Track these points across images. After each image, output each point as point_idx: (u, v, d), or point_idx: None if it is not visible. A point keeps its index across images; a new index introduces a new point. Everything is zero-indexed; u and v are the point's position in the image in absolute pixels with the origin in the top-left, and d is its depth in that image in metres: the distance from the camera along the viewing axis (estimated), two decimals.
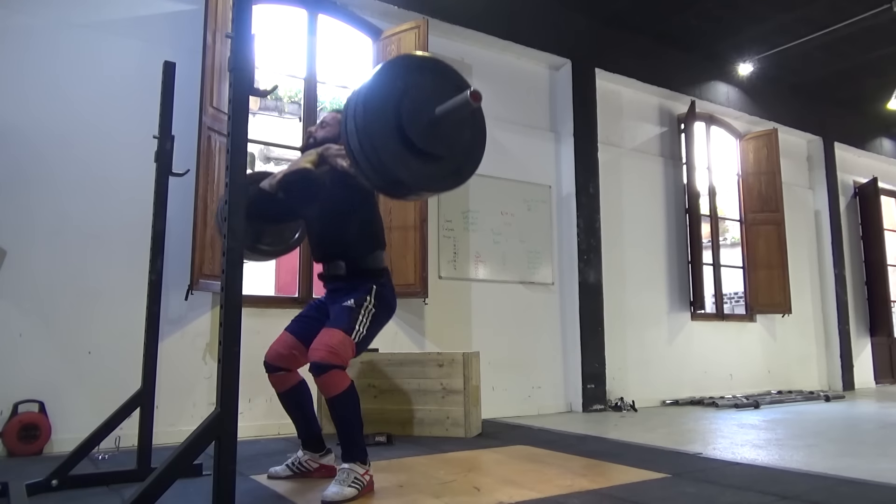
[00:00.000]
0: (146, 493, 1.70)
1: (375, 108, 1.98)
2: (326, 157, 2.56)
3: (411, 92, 2.04)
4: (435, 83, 2.11)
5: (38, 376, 3.47)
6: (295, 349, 2.60)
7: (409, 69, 2.11)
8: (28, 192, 3.57)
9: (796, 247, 7.42)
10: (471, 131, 2.22)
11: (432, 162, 2.09)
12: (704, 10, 5.90)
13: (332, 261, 2.59)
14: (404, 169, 2.02)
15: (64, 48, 3.76)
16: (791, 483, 2.58)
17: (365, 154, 1.98)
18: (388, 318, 2.61)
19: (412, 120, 2.01)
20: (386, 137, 1.98)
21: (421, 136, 2.03)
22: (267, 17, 4.84)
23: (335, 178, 2.54)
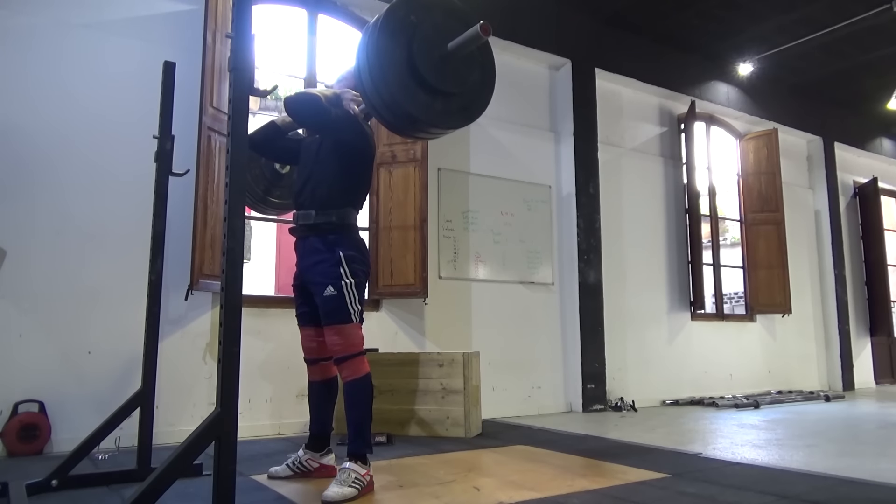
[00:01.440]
0: (146, 493, 1.70)
1: (387, 44, 2.02)
2: (342, 98, 2.58)
3: (422, 28, 2.08)
4: (445, 20, 2.16)
5: (38, 376, 3.47)
6: (318, 337, 2.66)
7: (419, 7, 2.15)
8: (28, 192, 3.57)
9: (796, 247, 7.43)
10: (480, 70, 2.26)
11: (442, 98, 2.13)
12: (704, 10, 5.90)
13: (305, 209, 2.60)
14: (415, 103, 2.06)
15: (64, 48, 3.76)
16: (791, 483, 2.58)
17: (377, 90, 2.04)
18: (367, 275, 2.66)
19: (423, 55, 2.06)
20: (397, 72, 2.03)
21: (432, 72, 2.07)
22: (267, 17, 4.84)
23: (342, 120, 2.56)
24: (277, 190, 3.01)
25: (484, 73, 2.30)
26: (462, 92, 2.20)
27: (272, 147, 2.79)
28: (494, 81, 2.33)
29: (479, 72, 2.27)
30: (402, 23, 2.07)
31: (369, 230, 4.68)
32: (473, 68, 2.23)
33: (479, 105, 2.26)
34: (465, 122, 2.27)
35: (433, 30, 2.11)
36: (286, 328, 3.99)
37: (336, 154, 2.59)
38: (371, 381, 2.52)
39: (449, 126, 2.30)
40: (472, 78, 2.23)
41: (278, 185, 3.01)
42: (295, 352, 2.85)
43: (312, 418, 2.76)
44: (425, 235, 4.62)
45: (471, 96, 2.24)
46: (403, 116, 2.13)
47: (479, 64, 2.26)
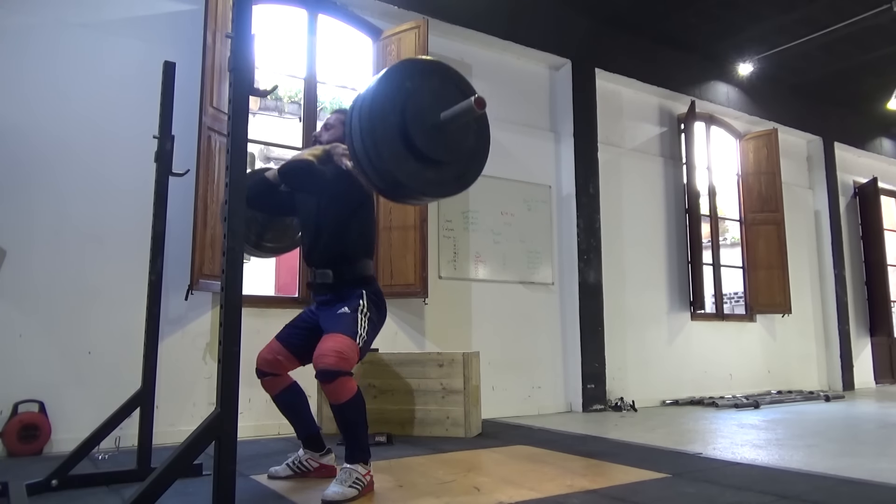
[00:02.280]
0: (146, 493, 1.70)
1: (380, 109, 1.97)
2: (332, 155, 2.56)
3: (416, 95, 2.03)
4: (440, 88, 2.11)
5: (38, 376, 3.47)
6: (280, 355, 2.61)
7: (414, 73, 2.10)
8: (28, 193, 3.57)
9: (796, 247, 7.42)
10: (475, 137, 2.21)
11: (435, 166, 2.08)
12: (704, 9, 5.90)
13: (321, 268, 2.58)
14: (406, 172, 2.01)
15: (64, 48, 3.76)
16: (791, 483, 2.58)
17: (367, 155, 1.97)
18: (381, 323, 2.62)
19: (416, 123, 2.00)
20: (389, 139, 1.97)
21: (424, 140, 2.02)
22: (267, 17, 4.84)
23: (337, 177, 2.53)
24: (270, 233, 2.93)
25: (479, 138, 2.23)
26: (455, 160, 2.14)
27: (266, 203, 2.69)
28: (489, 148, 2.26)
29: (474, 139, 2.21)
30: (398, 89, 2.01)
31: None
32: (468, 135, 2.17)
33: (472, 173, 2.20)
34: (458, 191, 2.21)
35: (429, 96, 2.06)
36: None
37: (337, 210, 2.56)
38: (362, 395, 2.42)
39: (442, 195, 2.26)
40: (466, 145, 2.17)
41: (271, 228, 2.93)
42: None
43: (294, 427, 2.74)
44: (425, 235, 4.62)
45: (464, 165, 2.18)
46: (394, 184, 2.06)
47: (473, 131, 2.19)
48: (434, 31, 4.90)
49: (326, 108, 8.74)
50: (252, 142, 2.83)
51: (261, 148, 8.95)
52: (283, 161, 2.63)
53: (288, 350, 2.61)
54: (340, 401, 2.35)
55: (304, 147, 4.69)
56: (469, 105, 1.98)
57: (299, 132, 4.86)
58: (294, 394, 2.70)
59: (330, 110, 9.16)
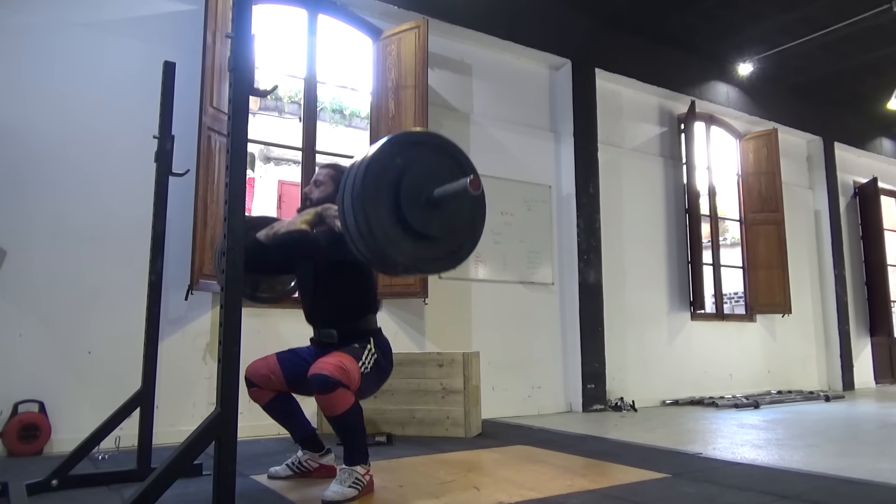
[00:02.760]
0: (146, 493, 1.70)
1: (372, 185, 1.92)
2: (325, 217, 2.53)
3: (411, 170, 1.98)
4: (436, 161, 2.07)
5: (38, 376, 3.47)
6: (274, 374, 2.58)
7: (409, 146, 2.06)
8: (28, 193, 3.57)
9: (796, 247, 7.42)
10: (470, 212, 2.15)
11: (428, 243, 2.03)
12: (704, 9, 5.90)
13: (324, 328, 2.56)
14: (398, 250, 1.96)
15: (63, 48, 3.76)
16: (791, 483, 2.58)
17: (359, 231, 1.92)
18: (388, 373, 2.59)
19: (410, 199, 1.96)
20: (381, 216, 1.92)
21: (418, 217, 1.97)
22: (267, 17, 4.84)
23: (331, 241, 2.45)
24: (264, 284, 2.93)
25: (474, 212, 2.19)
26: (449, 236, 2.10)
27: (263, 266, 2.64)
28: (484, 221, 2.20)
29: (469, 213, 2.16)
30: (389, 166, 1.96)
31: None
32: (464, 209, 2.12)
33: (466, 249, 2.14)
34: (452, 267, 2.15)
35: (421, 171, 2.00)
36: (286, 328, 3.99)
37: (336, 273, 2.51)
38: (359, 407, 2.39)
39: (435, 271, 2.21)
40: (461, 220, 2.12)
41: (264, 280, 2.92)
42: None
43: (289, 431, 2.74)
44: None
45: (459, 240, 2.13)
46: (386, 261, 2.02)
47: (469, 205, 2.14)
48: (434, 31, 4.90)
49: (326, 107, 8.75)
50: (252, 142, 2.83)
51: (261, 148, 8.95)
52: (282, 161, 2.61)
53: (283, 374, 2.58)
54: (336, 413, 2.30)
55: (302, 150, 4.69)
56: (463, 186, 1.92)
57: (299, 132, 4.85)
58: (284, 400, 2.68)
59: (330, 110, 9.16)
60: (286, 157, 9.07)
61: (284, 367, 2.59)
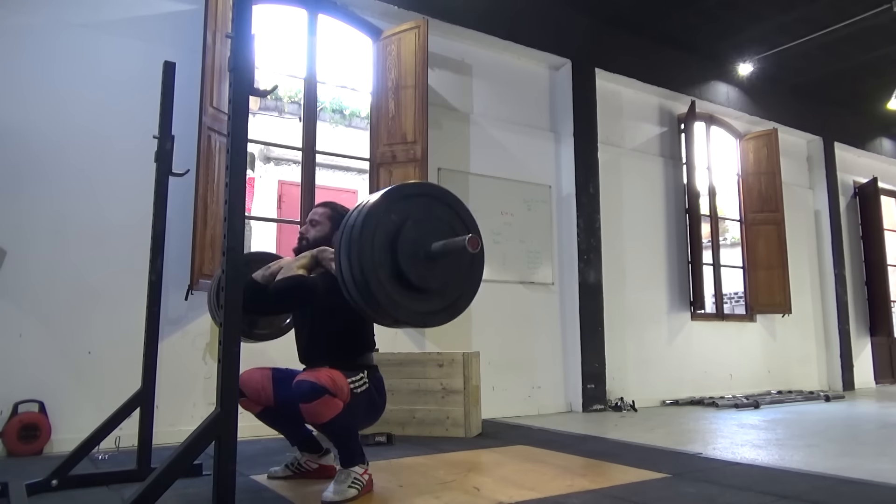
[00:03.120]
0: (146, 493, 1.70)
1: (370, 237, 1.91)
2: (321, 261, 2.51)
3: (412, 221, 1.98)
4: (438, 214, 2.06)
5: (38, 376, 3.47)
6: (264, 391, 2.57)
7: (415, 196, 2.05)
8: (28, 192, 3.57)
9: (796, 247, 7.42)
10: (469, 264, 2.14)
11: (424, 297, 2.02)
12: (704, 9, 5.90)
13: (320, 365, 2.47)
14: (393, 304, 1.95)
15: (63, 48, 3.76)
16: (791, 483, 2.58)
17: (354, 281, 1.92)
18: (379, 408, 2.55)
19: (407, 253, 1.95)
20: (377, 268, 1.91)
21: (414, 272, 1.96)
22: (267, 17, 4.85)
23: (328, 285, 2.38)
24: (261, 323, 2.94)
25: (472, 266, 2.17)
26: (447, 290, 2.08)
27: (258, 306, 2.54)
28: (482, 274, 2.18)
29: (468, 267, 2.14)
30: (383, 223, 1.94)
31: None
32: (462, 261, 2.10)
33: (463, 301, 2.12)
34: (449, 320, 2.13)
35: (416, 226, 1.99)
36: None
37: (333, 315, 2.48)
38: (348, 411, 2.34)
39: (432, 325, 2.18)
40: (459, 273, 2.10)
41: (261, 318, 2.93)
42: (295, 352, 2.83)
43: (285, 436, 2.73)
44: None
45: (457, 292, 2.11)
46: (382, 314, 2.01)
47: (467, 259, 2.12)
48: (434, 31, 4.90)
49: (326, 107, 8.75)
50: (252, 142, 2.83)
51: (261, 148, 8.94)
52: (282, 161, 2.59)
53: (274, 391, 2.56)
54: (322, 420, 2.26)
55: (302, 150, 4.69)
56: (461, 244, 1.91)
57: (299, 132, 4.85)
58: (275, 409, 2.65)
59: (330, 110, 9.16)
60: (286, 157, 9.07)
61: (277, 387, 2.56)
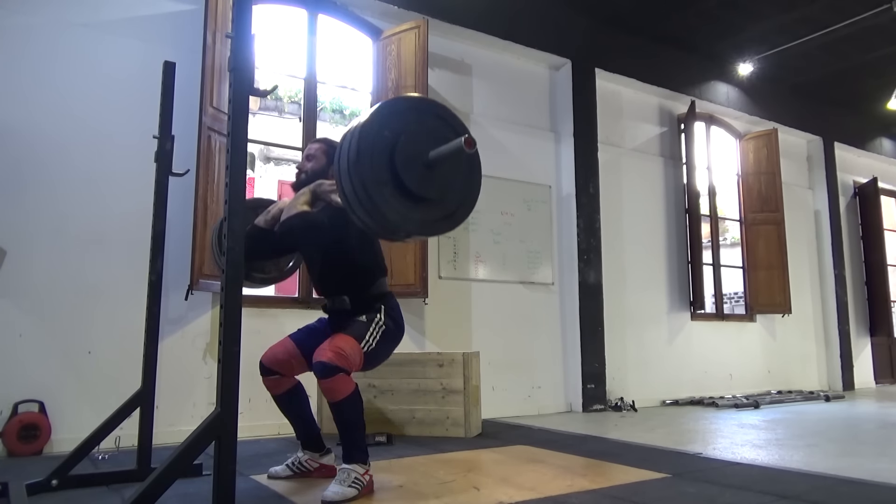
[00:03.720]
0: (146, 493, 1.70)
1: (368, 150, 1.94)
2: (320, 194, 2.55)
3: (406, 134, 2.00)
4: (431, 125, 2.09)
5: (38, 376, 3.47)
6: (294, 358, 2.60)
7: (404, 111, 2.08)
8: (28, 192, 3.57)
9: (796, 247, 7.42)
10: (467, 174, 2.17)
11: (426, 206, 2.05)
12: (704, 9, 5.90)
13: (336, 296, 2.58)
14: (397, 213, 1.98)
15: (64, 48, 3.76)
16: (791, 483, 2.58)
17: (357, 197, 1.95)
18: (398, 338, 2.62)
19: (406, 164, 1.98)
20: (379, 181, 1.95)
21: (415, 181, 1.99)
22: (267, 17, 4.84)
23: (332, 216, 2.49)
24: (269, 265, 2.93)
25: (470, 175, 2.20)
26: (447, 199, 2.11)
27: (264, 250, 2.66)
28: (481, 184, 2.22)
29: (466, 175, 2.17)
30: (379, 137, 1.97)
31: None
32: (460, 171, 2.14)
33: (464, 211, 2.16)
34: (450, 229, 2.17)
35: (418, 135, 2.03)
36: (286, 328, 3.97)
37: (341, 244, 2.53)
38: (359, 395, 2.42)
39: (434, 234, 2.23)
40: (458, 183, 2.13)
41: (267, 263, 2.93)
42: None
43: (294, 428, 2.74)
44: None
45: (456, 202, 2.15)
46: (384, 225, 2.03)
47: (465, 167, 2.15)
48: (434, 31, 4.90)
49: (326, 107, 8.75)
50: (252, 142, 2.83)
51: (261, 148, 8.94)
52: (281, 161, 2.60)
53: (302, 353, 2.59)
54: (336, 399, 2.34)
55: (303, 148, 4.69)
56: (458, 145, 1.94)
57: (299, 132, 4.85)
58: (296, 395, 2.71)
59: (330, 110, 9.17)
60: (286, 157, 9.07)
61: (302, 346, 2.60)
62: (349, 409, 2.37)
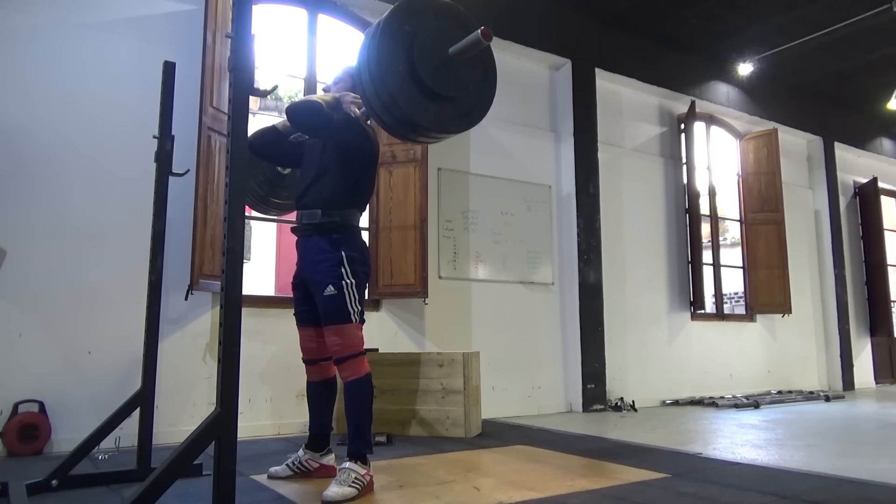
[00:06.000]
0: (146, 493, 1.70)
1: (386, 54, 2.04)
2: (341, 102, 2.58)
3: (419, 36, 2.10)
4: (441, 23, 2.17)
5: (38, 376, 3.47)
6: (313, 341, 2.70)
7: (411, 14, 2.15)
8: (28, 192, 3.57)
9: (796, 247, 7.42)
10: (482, 72, 2.27)
11: (444, 102, 2.15)
12: (704, 9, 5.90)
13: (311, 208, 2.60)
14: (417, 109, 2.08)
15: (64, 48, 3.75)
16: (791, 483, 2.58)
17: (378, 95, 2.05)
18: (367, 276, 2.68)
19: (424, 62, 2.08)
20: (398, 80, 2.05)
21: (434, 77, 2.09)
22: (267, 17, 4.84)
23: (345, 123, 2.56)
24: (280, 190, 3.01)
25: (486, 75, 2.31)
26: (464, 96, 2.22)
27: (273, 151, 2.77)
28: (496, 84, 2.34)
29: (482, 74, 2.28)
30: (398, 33, 2.08)
31: (369, 230, 4.68)
32: (475, 70, 2.24)
33: (480, 109, 2.27)
34: (467, 127, 2.28)
35: (431, 35, 2.13)
36: (286, 328, 3.98)
37: (340, 156, 2.59)
38: (371, 381, 2.52)
39: (450, 131, 2.32)
40: (474, 81, 2.24)
41: (280, 185, 3.02)
42: (295, 352, 2.85)
43: (312, 418, 2.77)
44: (425, 235, 4.61)
45: (473, 100, 2.25)
46: (405, 121, 2.14)
47: (480, 65, 2.27)
48: None
49: None
50: None
51: None
52: None
53: (312, 327, 2.67)
54: (356, 376, 2.47)
55: None
56: (476, 38, 2.04)
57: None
58: (329, 388, 2.78)
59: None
60: None
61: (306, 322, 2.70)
62: (360, 390, 2.47)
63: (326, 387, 2.77)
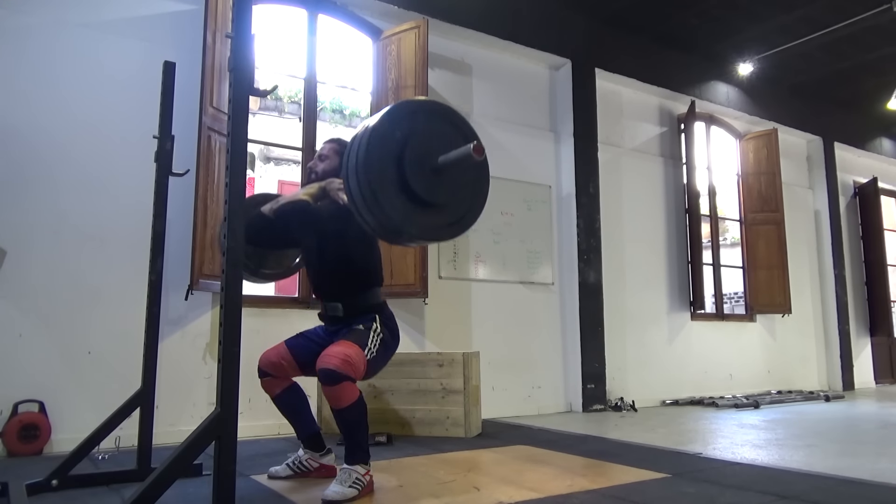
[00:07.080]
0: (146, 493, 1.70)
1: (377, 153, 1.93)
2: (328, 191, 2.55)
3: (414, 138, 1.99)
4: (440, 129, 2.08)
5: (38, 376, 3.47)
6: (285, 360, 2.62)
7: (413, 114, 2.07)
8: (28, 193, 3.57)
9: (796, 247, 7.42)
10: (474, 182, 2.17)
11: (433, 211, 2.04)
12: (704, 10, 5.90)
13: (330, 301, 2.58)
14: (401, 215, 1.96)
15: (64, 48, 3.75)
16: (791, 483, 2.58)
17: (363, 195, 1.93)
18: (394, 347, 2.62)
19: (414, 166, 1.97)
20: (386, 185, 1.93)
21: (422, 185, 1.98)
22: (267, 17, 4.84)
23: (335, 213, 2.51)
24: (268, 261, 2.95)
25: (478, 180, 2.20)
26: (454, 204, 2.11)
27: (266, 239, 2.70)
28: (488, 189, 2.21)
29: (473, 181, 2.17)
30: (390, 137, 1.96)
31: None
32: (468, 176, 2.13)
33: (471, 216, 2.16)
34: (458, 234, 2.17)
35: (424, 140, 2.01)
36: (286, 328, 3.97)
37: (339, 246, 2.54)
38: (363, 401, 2.40)
39: (441, 240, 2.23)
40: (465, 188, 2.13)
41: (268, 257, 2.94)
42: None
43: (295, 427, 2.74)
44: None
45: (466, 206, 2.15)
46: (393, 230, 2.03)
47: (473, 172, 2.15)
48: (434, 31, 4.90)
49: (326, 107, 8.74)
50: (252, 142, 2.83)
51: (261, 148, 8.94)
52: (282, 161, 2.63)
53: (294, 359, 2.61)
54: (340, 406, 2.33)
55: (303, 148, 4.69)
56: (467, 152, 1.93)
57: (299, 132, 4.85)
58: (294, 394, 2.71)
59: (330, 110, 9.15)
60: (286, 157, 9.05)
61: (295, 352, 2.62)
62: (354, 414, 2.36)
63: (290, 394, 2.69)
